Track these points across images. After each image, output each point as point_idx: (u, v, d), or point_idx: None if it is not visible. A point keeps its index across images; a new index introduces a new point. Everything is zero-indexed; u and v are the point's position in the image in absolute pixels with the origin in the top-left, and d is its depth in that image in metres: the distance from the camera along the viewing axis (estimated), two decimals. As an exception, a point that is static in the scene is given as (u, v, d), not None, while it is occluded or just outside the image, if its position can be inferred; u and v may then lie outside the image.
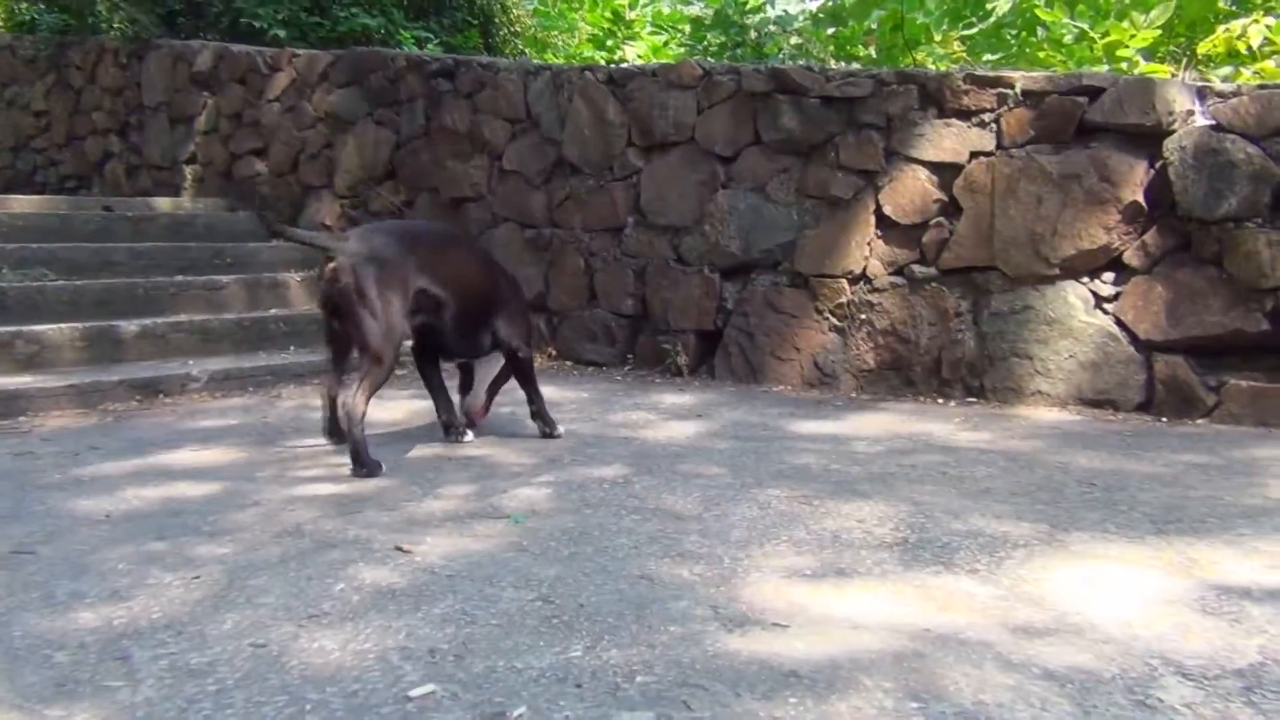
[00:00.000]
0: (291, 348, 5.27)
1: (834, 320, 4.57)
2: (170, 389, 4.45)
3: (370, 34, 7.14)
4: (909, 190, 4.36)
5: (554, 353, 5.53)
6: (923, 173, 4.32)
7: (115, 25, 7.91)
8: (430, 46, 7.25)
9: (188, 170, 7.40)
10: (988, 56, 5.83)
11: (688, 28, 7.02)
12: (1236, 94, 3.74)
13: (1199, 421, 3.76)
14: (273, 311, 5.55)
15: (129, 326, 4.85)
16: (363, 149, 6.35)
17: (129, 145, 7.83)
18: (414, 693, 1.61)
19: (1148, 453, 3.29)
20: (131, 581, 2.15)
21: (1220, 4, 6.64)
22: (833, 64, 5.65)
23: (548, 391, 4.61)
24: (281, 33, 7.08)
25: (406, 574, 2.17)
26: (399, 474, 3.09)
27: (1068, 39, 5.73)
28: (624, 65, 6.02)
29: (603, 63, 6.66)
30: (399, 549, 2.34)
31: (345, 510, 2.68)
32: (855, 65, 5.59)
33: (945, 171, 4.27)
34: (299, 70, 6.67)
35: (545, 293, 5.54)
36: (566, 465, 3.19)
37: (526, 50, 8.24)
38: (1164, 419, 3.82)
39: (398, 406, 4.23)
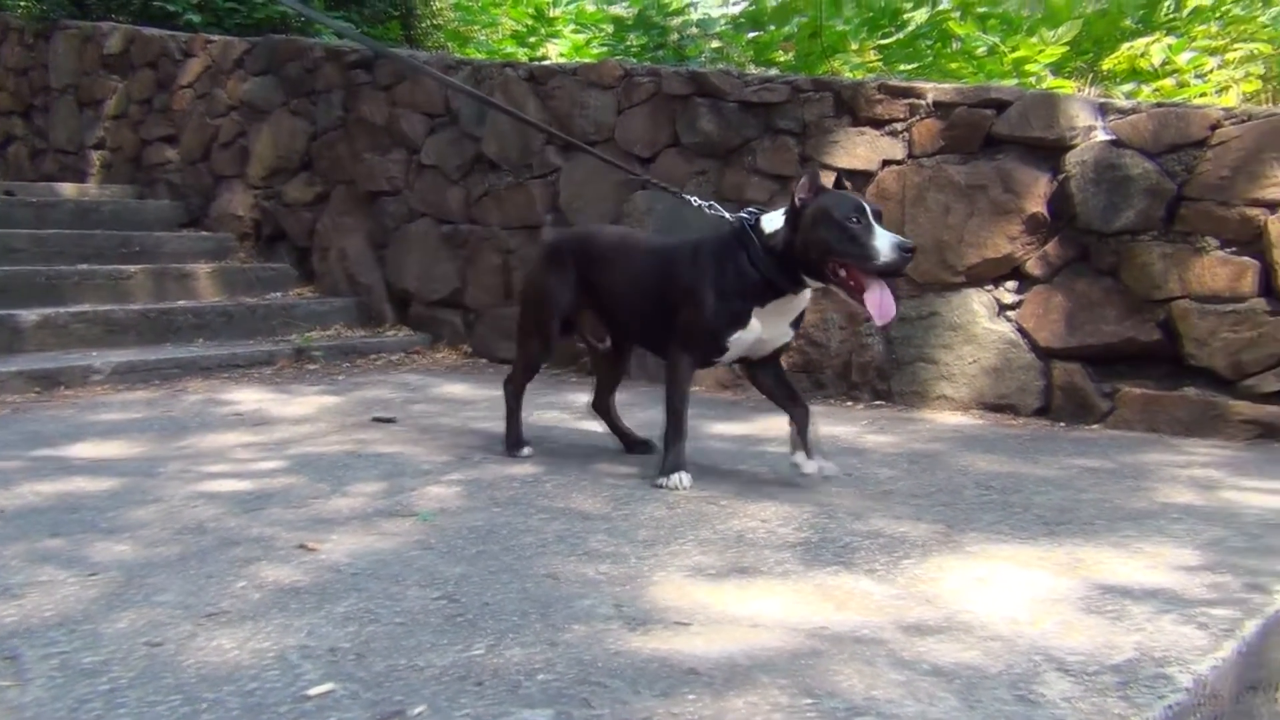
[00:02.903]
0: (199, 340, 5.18)
1: (748, 322, 4.63)
2: (71, 380, 4.34)
3: (288, 22, 7.03)
4: (822, 196, 4.43)
5: (470, 350, 5.51)
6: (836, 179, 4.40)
7: (21, 3, 7.67)
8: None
9: (95, 156, 7.22)
10: (903, 66, 5.95)
11: (610, 27, 7.03)
12: (1135, 110, 3.89)
13: (1094, 427, 3.90)
14: (180, 303, 5.44)
15: (29, 316, 4.72)
16: (277, 139, 6.25)
17: (33, 128, 7.61)
18: (312, 691, 1.60)
19: (1044, 456, 3.41)
20: (24, 579, 2.10)
21: (1125, 23, 6.87)
22: (752, 69, 5.72)
23: (460, 389, 4.61)
24: (196, 18, 6.93)
25: (310, 572, 2.16)
26: (306, 470, 3.06)
27: (981, 51, 5.88)
28: (545, 63, 6.02)
29: (524, 59, 6.66)
30: (303, 547, 2.32)
31: (250, 507, 2.65)
32: (773, 71, 5.66)
33: (858, 179, 4.35)
34: (213, 56, 6.54)
35: (461, 290, 5.53)
36: (478, 463, 3.19)
37: (448, 44, 8.19)
38: (1061, 424, 3.95)
39: (307, 402, 4.19)
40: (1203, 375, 3.78)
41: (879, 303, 2.71)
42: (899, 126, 4.29)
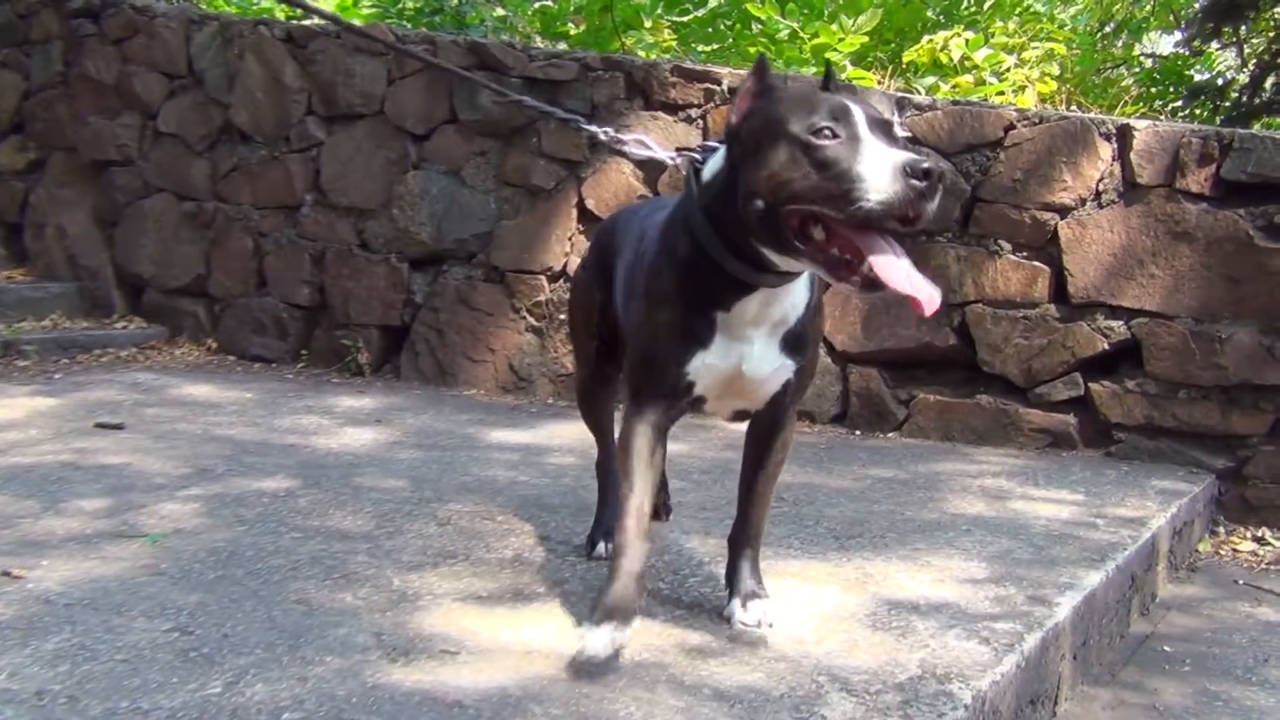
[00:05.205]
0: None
1: (532, 320, 4.67)
2: None
3: (-4, -42, 6.58)
4: (613, 184, 4.51)
5: (215, 346, 5.33)
6: (627, 166, 4.49)
7: None
8: (73, -21, 6.77)
9: None
10: (701, 48, 6.12)
11: (383, -14, 6.91)
12: (932, 107, 4.14)
13: (890, 435, 4.13)
14: None
15: None
16: (-18, 95, 5.86)
17: None
18: (14, 743, 1.53)
19: (839, 466, 3.58)
20: None
21: (928, 14, 7.28)
22: (539, 42, 5.76)
23: (203, 391, 4.45)
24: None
25: (14, 604, 2.05)
26: (12, 485, 2.89)
27: (782, 36, 6.11)
28: (306, 23, 5.87)
29: (281, 18, 6.46)
30: (7, 574, 2.20)
31: (-60, 529, 2.49)
32: (562, 46, 5.72)
33: (650, 167, 4.45)
34: (-100, -7, 6.06)
35: (206, 276, 5.34)
36: (220, 476, 3.09)
37: (192, -6, 7.85)
38: (858, 432, 4.16)
39: (15, 404, 3.95)
40: (997, 382, 4.06)
41: (907, 277, 1.69)
42: (694, 113, 4.41)
